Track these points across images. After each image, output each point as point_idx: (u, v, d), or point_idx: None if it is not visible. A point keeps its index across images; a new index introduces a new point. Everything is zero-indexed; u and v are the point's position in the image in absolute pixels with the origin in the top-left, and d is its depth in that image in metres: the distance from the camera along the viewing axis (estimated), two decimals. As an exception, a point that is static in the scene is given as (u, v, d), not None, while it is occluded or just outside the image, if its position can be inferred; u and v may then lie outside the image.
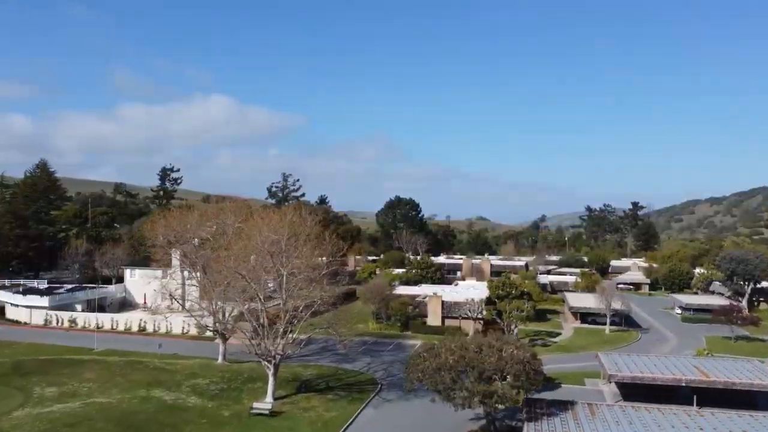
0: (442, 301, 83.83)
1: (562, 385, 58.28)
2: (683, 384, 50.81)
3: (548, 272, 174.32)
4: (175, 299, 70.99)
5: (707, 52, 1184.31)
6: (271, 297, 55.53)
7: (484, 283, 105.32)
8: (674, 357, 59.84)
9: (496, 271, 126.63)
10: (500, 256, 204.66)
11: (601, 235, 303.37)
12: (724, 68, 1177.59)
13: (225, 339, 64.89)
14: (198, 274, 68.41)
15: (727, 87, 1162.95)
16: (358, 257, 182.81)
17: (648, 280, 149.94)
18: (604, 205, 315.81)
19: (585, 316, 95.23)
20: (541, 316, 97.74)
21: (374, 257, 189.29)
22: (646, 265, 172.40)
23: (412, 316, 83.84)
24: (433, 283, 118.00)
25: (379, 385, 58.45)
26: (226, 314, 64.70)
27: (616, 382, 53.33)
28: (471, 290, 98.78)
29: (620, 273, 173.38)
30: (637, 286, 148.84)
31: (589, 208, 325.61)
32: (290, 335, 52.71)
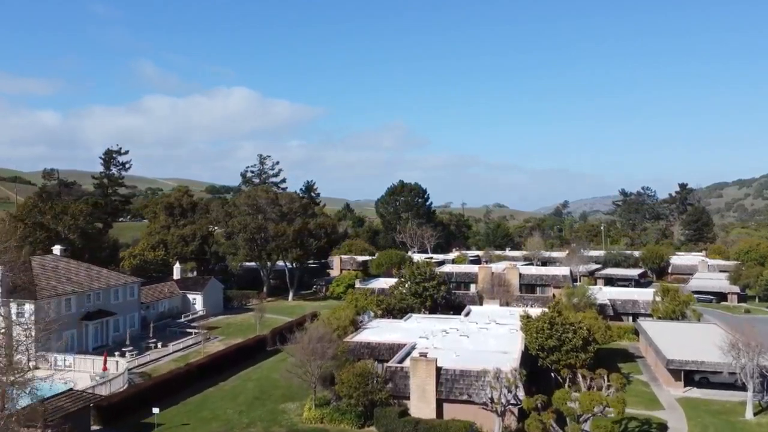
0: (438, 369, 43.41)
1: None
2: None
3: (590, 274, 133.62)
4: None
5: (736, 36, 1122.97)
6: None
7: (514, 315, 64.71)
8: None
9: (529, 284, 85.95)
10: (525, 252, 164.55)
11: (640, 223, 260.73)
12: (752, 48, 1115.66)
13: None
14: None
15: (754, 69, 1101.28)
16: (345, 257, 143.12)
17: (737, 288, 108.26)
18: (643, 189, 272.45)
19: (690, 371, 54.86)
20: (608, 363, 57.52)
21: (371, 256, 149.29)
22: (726, 263, 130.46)
23: (380, 397, 43.56)
24: (432, 309, 77.65)
25: None
26: None
27: None
28: (492, 330, 58.25)
29: (686, 275, 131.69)
30: (720, 296, 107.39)
31: (623, 192, 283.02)
32: None
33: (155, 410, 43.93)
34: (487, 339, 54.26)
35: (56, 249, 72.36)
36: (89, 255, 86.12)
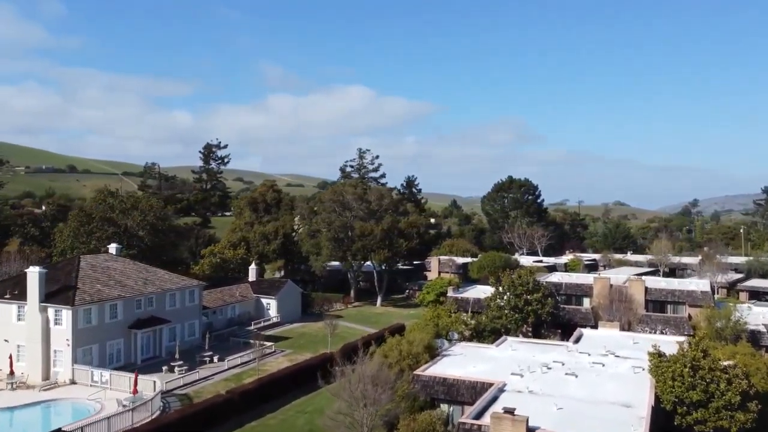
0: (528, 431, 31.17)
1: None
2: None
3: (731, 286, 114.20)
4: None
5: None
6: None
7: (640, 345, 50.84)
8: None
9: (657, 301, 70.45)
10: (650, 256, 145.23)
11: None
12: None
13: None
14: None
15: None
16: (443, 259, 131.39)
17: None
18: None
19: None
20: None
21: (473, 258, 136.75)
22: None
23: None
24: (535, 327, 64.84)
25: None
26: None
27: None
28: (609, 366, 44.73)
29: None
30: None
31: (767, 190, 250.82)
32: None
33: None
34: (603, 381, 41.02)
35: (112, 247, 66.30)
36: (157, 253, 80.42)
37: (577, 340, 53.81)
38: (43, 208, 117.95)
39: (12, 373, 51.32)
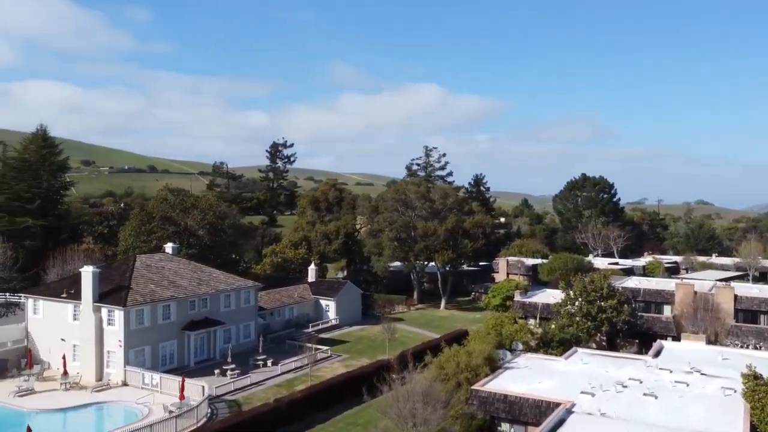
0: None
1: None
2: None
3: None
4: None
5: None
6: None
7: (730, 362, 45.36)
8: None
9: (748, 311, 63.64)
10: (737, 259, 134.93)
11: None
12: None
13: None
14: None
15: None
16: (512, 260, 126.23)
17: None
18: None
19: None
20: None
21: (543, 259, 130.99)
22: None
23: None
24: (610, 337, 59.82)
25: None
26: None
27: None
28: (695, 386, 39.55)
29: None
30: None
31: None
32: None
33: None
34: (687, 404, 36.21)
35: (168, 247, 65.69)
36: (217, 252, 79.70)
37: (656, 354, 48.66)
38: (111, 207, 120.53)
39: (66, 373, 50.97)
